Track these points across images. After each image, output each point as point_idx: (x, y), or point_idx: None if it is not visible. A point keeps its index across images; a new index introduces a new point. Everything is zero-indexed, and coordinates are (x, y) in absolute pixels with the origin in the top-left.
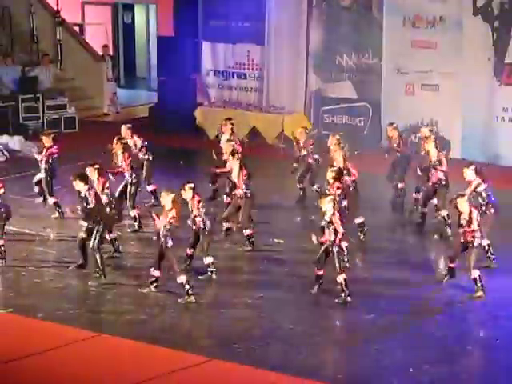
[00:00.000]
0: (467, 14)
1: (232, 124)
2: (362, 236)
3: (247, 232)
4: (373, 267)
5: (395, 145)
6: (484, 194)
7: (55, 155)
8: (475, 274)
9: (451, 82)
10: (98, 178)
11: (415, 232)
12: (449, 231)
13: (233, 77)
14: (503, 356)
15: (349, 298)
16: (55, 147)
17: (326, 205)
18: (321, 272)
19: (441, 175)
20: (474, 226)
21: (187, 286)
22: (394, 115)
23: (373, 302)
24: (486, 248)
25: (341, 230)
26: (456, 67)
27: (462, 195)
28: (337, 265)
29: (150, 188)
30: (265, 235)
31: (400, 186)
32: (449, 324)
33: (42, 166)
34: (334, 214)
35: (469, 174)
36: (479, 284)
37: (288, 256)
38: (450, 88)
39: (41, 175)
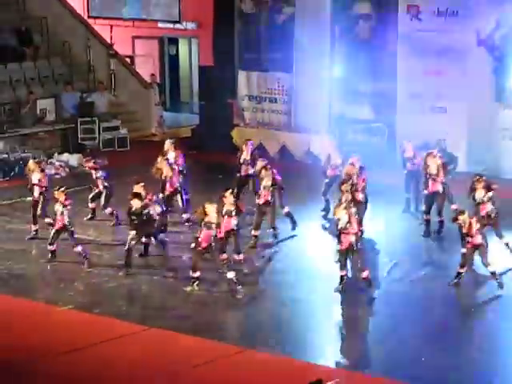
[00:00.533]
0: (472, 45)
1: (252, 144)
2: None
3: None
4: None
5: (411, 159)
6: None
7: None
8: (492, 268)
9: (457, 104)
10: (145, 194)
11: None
12: None
13: (265, 101)
14: None
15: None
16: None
17: (341, 213)
18: (344, 273)
19: (438, 186)
20: (473, 232)
21: (234, 282)
22: (407, 134)
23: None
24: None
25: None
26: (462, 92)
27: (462, 212)
28: (359, 263)
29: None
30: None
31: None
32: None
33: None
34: (349, 221)
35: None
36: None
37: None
38: (457, 110)
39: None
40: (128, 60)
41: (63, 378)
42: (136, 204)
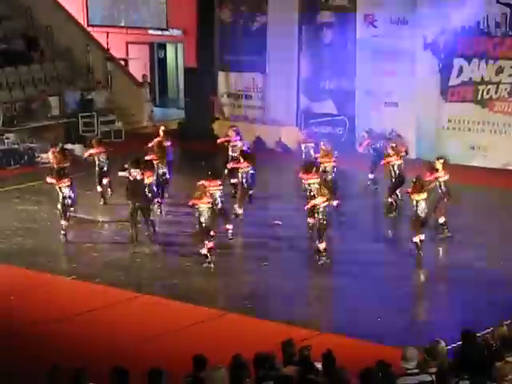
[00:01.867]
0: (419, 48)
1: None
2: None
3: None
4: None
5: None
6: (444, 184)
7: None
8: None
9: (407, 100)
10: (142, 171)
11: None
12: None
13: (241, 98)
14: None
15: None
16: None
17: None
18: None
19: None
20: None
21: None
22: (364, 126)
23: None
24: (443, 224)
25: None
26: (411, 89)
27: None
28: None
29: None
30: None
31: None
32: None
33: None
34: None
35: (438, 165)
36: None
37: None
38: (407, 105)
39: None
40: (122, 62)
41: (67, 341)
42: (134, 172)
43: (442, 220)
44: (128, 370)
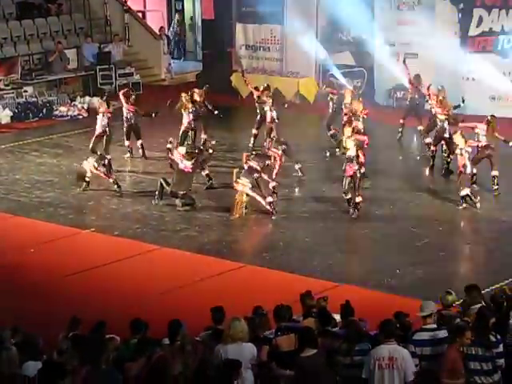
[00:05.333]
0: None
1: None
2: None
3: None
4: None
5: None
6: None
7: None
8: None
9: (427, 51)
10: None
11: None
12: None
13: (259, 50)
14: None
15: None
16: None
17: (350, 144)
18: (349, 196)
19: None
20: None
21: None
22: (383, 77)
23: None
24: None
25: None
26: (431, 40)
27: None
28: (358, 188)
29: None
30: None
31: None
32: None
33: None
34: (357, 150)
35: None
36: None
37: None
38: (427, 56)
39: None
40: (140, 15)
41: (87, 293)
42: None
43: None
44: (148, 322)
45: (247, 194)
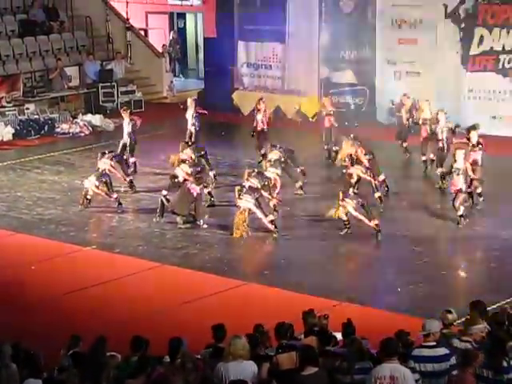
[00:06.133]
0: (440, 17)
1: (264, 102)
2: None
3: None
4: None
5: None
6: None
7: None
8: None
9: (429, 69)
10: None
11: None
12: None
13: (261, 68)
14: None
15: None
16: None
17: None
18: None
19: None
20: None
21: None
22: (385, 96)
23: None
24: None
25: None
26: (432, 58)
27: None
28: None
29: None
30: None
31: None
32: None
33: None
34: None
35: (474, 135)
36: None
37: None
38: (428, 74)
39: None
40: (142, 32)
41: (87, 310)
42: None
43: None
44: (148, 339)
45: (250, 211)
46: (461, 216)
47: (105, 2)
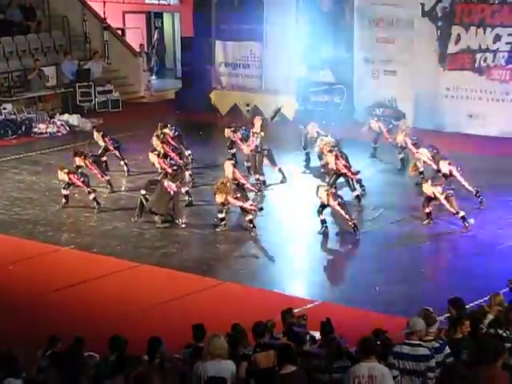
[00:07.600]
0: (417, 16)
1: (262, 120)
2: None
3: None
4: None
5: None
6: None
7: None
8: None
9: (406, 68)
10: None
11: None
12: None
13: (239, 67)
14: None
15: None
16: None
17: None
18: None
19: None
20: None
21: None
22: (363, 95)
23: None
24: None
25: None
26: (409, 57)
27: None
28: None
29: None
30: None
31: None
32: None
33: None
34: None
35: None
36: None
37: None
38: (405, 73)
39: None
40: (119, 32)
41: (65, 310)
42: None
43: None
44: (127, 339)
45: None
46: (428, 214)
47: (82, 1)
